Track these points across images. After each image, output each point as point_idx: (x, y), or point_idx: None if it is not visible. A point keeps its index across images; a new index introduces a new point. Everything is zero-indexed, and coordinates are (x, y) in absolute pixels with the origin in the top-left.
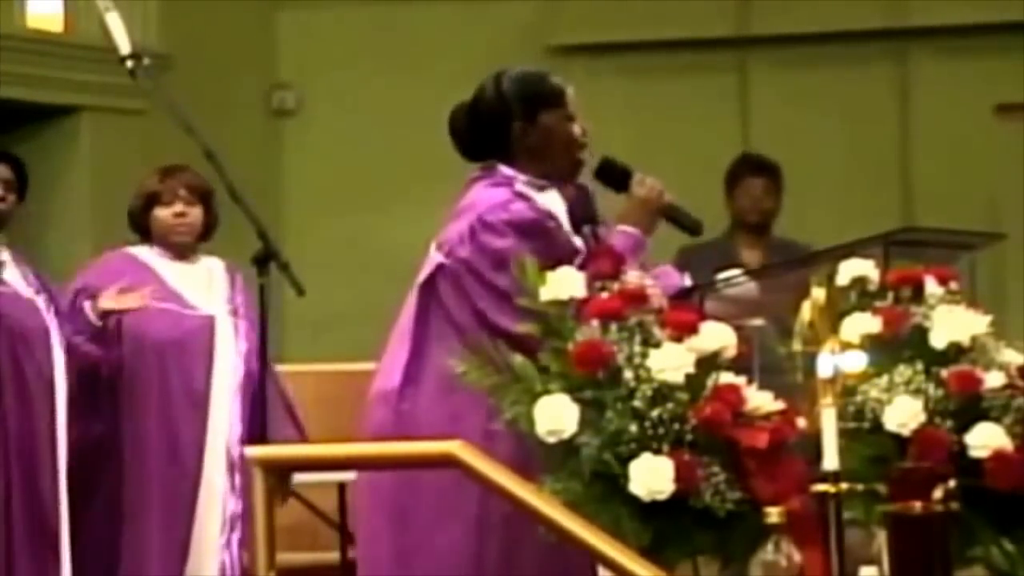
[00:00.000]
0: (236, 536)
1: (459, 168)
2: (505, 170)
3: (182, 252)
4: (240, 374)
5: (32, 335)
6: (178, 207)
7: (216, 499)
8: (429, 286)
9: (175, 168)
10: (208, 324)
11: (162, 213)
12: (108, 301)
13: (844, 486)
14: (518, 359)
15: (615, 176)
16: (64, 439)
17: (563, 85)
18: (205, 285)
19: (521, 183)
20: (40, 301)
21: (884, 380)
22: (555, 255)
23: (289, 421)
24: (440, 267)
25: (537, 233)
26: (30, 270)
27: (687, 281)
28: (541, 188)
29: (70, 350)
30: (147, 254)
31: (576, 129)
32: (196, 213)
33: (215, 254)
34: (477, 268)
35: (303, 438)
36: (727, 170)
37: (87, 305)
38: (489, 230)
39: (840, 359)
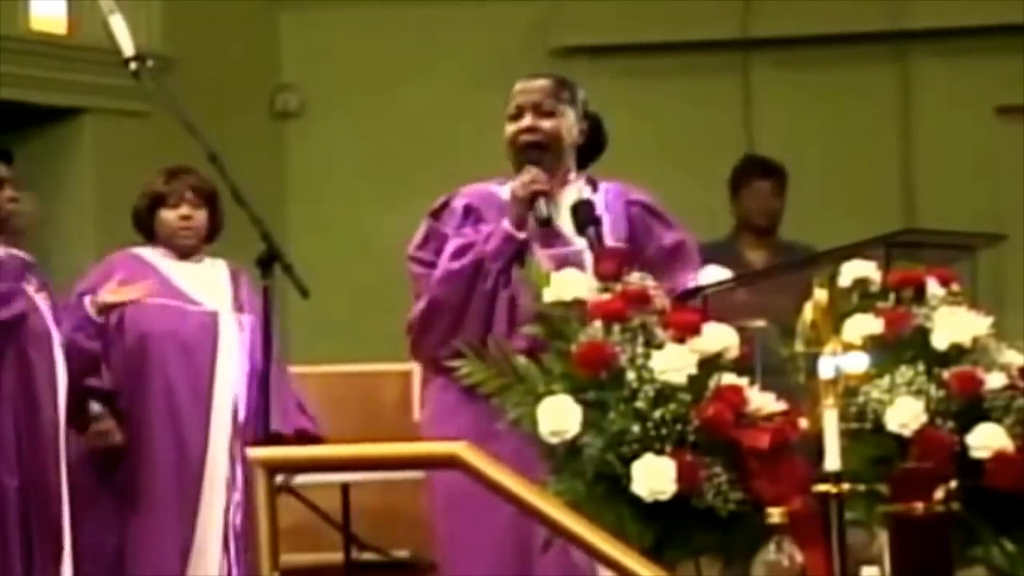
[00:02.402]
0: (236, 533)
1: (462, 168)
2: None
3: (186, 254)
4: (246, 369)
5: (37, 335)
6: (184, 210)
7: (219, 494)
8: None
9: (181, 169)
10: (212, 319)
11: (168, 215)
12: (107, 295)
13: (846, 486)
14: (521, 360)
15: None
16: (64, 439)
17: (517, 83)
18: (209, 283)
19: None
20: (40, 301)
21: (886, 381)
22: (435, 247)
23: (302, 414)
24: None
25: (429, 219)
26: (31, 268)
27: (695, 281)
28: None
29: (69, 346)
30: (151, 254)
31: (509, 127)
32: (201, 216)
33: (219, 256)
34: None
35: (316, 429)
36: (733, 171)
37: (87, 300)
38: None
39: (842, 360)
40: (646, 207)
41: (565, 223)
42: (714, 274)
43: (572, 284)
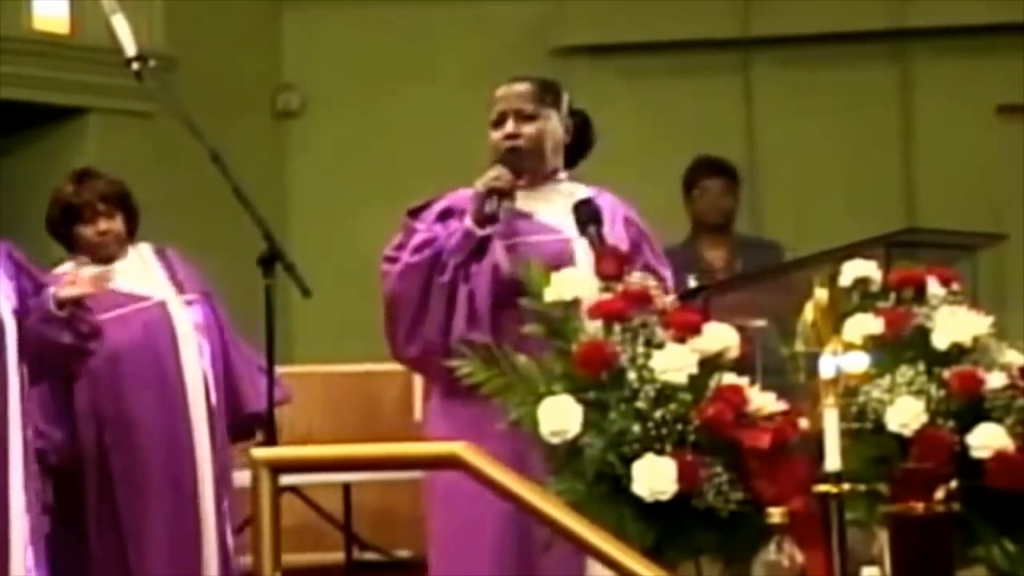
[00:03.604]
0: (230, 525)
1: (462, 169)
2: None
3: (111, 259)
4: (208, 352)
5: None
6: (101, 224)
7: (209, 488)
8: None
9: (87, 175)
10: (162, 310)
11: (86, 232)
12: (64, 290)
13: (846, 486)
14: (521, 359)
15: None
16: (17, 440)
17: (498, 89)
18: (144, 273)
19: None
20: (0, 293)
21: (886, 381)
22: (405, 244)
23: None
24: None
25: (406, 218)
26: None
27: (691, 282)
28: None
29: (41, 337)
30: (76, 270)
31: (491, 134)
32: (118, 224)
33: (221, 256)
34: None
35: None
36: (684, 174)
37: (49, 295)
38: None
39: (842, 360)
40: (643, 233)
41: (551, 216)
42: None
43: (572, 283)
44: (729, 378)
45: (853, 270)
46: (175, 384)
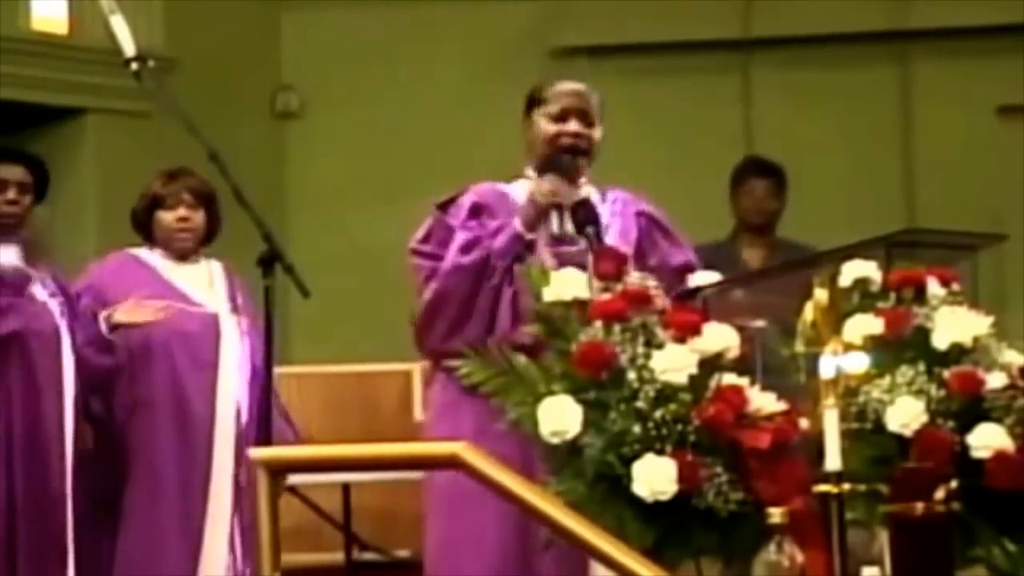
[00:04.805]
0: (240, 537)
1: (462, 168)
2: None
3: (184, 255)
4: (246, 370)
5: (42, 339)
6: (181, 212)
7: (225, 499)
8: None
9: (179, 171)
10: (213, 321)
11: (166, 217)
12: (121, 315)
13: (846, 487)
14: (521, 360)
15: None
16: (71, 442)
17: (555, 84)
18: (206, 284)
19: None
20: (53, 305)
21: (886, 381)
22: (439, 239)
23: (286, 423)
24: None
25: (435, 211)
26: (47, 272)
27: (691, 283)
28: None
29: (81, 360)
30: (148, 255)
31: (551, 127)
32: (199, 218)
33: (220, 256)
34: None
35: (299, 439)
36: (732, 172)
37: (101, 316)
38: None
39: (842, 360)
40: (655, 220)
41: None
42: (706, 278)
43: (572, 283)
44: (729, 378)
45: (853, 270)
46: (208, 385)
